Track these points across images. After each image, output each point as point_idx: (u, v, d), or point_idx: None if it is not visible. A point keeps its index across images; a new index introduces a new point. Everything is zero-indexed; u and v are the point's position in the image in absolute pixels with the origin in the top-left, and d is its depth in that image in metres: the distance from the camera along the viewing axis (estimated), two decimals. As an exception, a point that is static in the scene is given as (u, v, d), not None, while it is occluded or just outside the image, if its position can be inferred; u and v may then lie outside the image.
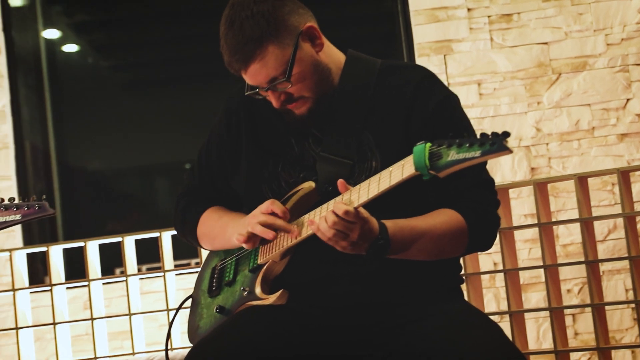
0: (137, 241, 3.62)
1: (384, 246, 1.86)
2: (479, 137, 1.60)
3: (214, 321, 2.10)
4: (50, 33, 4.91)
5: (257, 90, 2.04)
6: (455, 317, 1.93)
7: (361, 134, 2.04)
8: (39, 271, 4.48)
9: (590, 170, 4.07)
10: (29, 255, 4.20)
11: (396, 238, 1.88)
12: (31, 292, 3.83)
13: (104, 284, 3.77)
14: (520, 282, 3.56)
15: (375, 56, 2.16)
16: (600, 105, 4.24)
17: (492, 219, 2.03)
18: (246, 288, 2.05)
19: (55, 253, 3.59)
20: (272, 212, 1.99)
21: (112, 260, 3.81)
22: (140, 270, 3.86)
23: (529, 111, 4.27)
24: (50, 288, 3.56)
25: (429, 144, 1.67)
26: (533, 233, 4.14)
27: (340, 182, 1.88)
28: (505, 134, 1.57)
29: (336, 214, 1.81)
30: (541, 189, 3.25)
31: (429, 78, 2.08)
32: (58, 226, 4.73)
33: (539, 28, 4.30)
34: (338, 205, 1.82)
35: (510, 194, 3.71)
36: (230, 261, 2.16)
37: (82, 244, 3.55)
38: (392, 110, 2.04)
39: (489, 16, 4.33)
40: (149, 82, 5.16)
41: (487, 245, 2.06)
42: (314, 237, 1.90)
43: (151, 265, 4.04)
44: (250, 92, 2.05)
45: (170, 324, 2.25)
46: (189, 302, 2.24)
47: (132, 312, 3.53)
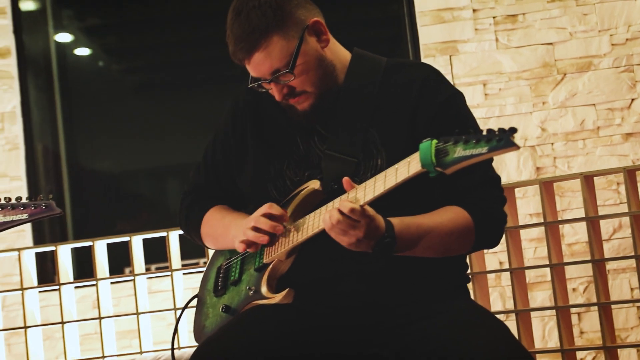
0: (147, 241, 3.63)
1: (391, 244, 1.84)
2: (485, 133, 1.59)
3: (219, 320, 2.09)
4: (63, 37, 4.93)
5: (260, 82, 2.02)
6: (461, 315, 1.91)
7: (367, 132, 2.02)
8: (50, 270, 4.50)
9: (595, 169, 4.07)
10: (40, 254, 4.22)
11: (402, 236, 1.86)
12: (40, 291, 3.85)
13: (112, 283, 3.78)
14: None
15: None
16: (605, 105, 4.24)
17: (498, 216, 2.02)
18: (252, 287, 2.04)
19: (64, 252, 3.61)
20: (270, 215, 1.98)
21: (122, 259, 3.82)
22: (150, 270, 3.87)
23: (534, 111, 4.27)
24: (58, 287, 3.57)
25: (435, 140, 1.64)
26: (538, 232, 4.14)
27: (345, 180, 1.86)
28: (512, 130, 1.56)
29: (341, 212, 1.79)
30: (547, 188, 3.24)
31: (435, 76, 2.07)
32: (68, 226, 4.75)
33: (544, 28, 4.30)
34: (343, 203, 1.80)
35: (516, 194, 3.72)
36: (235, 260, 2.14)
37: (90, 243, 3.56)
38: (398, 108, 2.02)
39: (494, 17, 4.34)
40: (159, 85, 5.17)
41: (494, 243, 2.04)
42: (319, 236, 1.89)
43: (161, 264, 4.05)
44: (253, 84, 2.04)
45: (177, 323, 2.25)
46: (195, 301, 2.23)
47: (140, 311, 3.55)
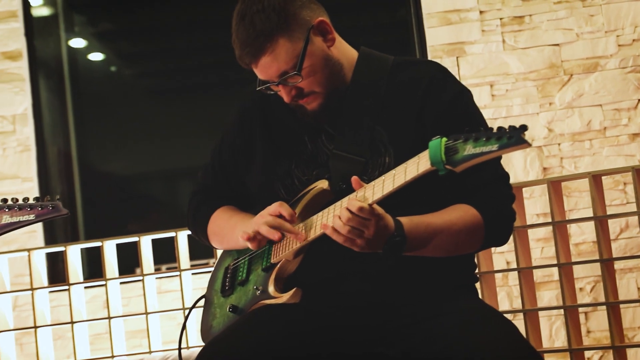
0: (158, 241, 3.64)
1: (400, 243, 1.83)
2: (495, 131, 1.57)
3: (227, 320, 2.09)
4: (76, 42, 4.95)
5: (268, 84, 2.02)
6: (470, 315, 1.90)
7: (374, 130, 2.01)
8: (61, 271, 4.52)
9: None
10: (51, 255, 4.24)
11: (412, 234, 1.86)
12: (51, 292, 3.86)
13: (122, 283, 3.80)
14: (533, 280, 3.57)
15: None
16: (612, 105, 4.25)
17: (508, 213, 2.01)
18: (259, 287, 2.03)
19: (73, 253, 3.62)
20: (280, 215, 1.98)
21: (133, 260, 3.84)
22: (160, 270, 3.89)
23: (541, 112, 4.28)
24: (67, 287, 3.58)
25: (444, 138, 1.63)
26: (545, 232, 4.15)
27: (354, 179, 1.85)
28: (523, 127, 1.54)
29: (350, 211, 1.78)
30: (555, 188, 3.23)
31: (442, 73, 2.07)
32: (80, 227, 4.77)
33: (551, 30, 4.31)
34: (352, 202, 1.79)
35: (523, 193, 3.73)
36: (243, 261, 2.14)
37: (99, 243, 3.57)
38: (405, 106, 2.02)
39: (500, 18, 4.35)
40: (170, 89, 5.19)
41: (503, 240, 2.04)
42: (327, 236, 1.87)
43: (171, 264, 4.07)
44: (261, 86, 2.03)
45: (184, 323, 2.26)
46: (202, 301, 2.23)
47: (149, 311, 3.56)
